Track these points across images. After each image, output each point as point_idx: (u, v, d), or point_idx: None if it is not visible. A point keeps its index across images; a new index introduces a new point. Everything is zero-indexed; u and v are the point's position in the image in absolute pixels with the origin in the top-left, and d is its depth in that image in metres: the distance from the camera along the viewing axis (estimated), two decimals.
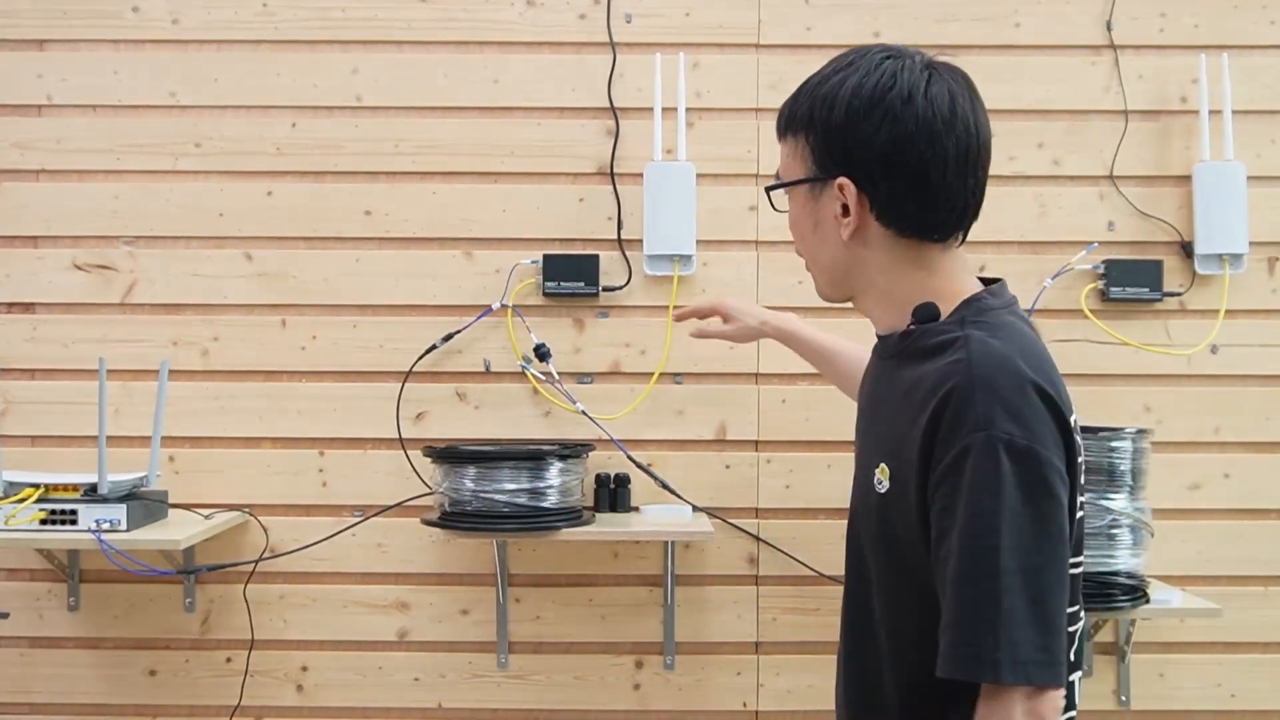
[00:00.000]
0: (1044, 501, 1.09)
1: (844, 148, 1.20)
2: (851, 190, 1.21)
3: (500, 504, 2.05)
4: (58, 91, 2.32)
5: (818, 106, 1.21)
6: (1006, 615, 1.06)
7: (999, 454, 1.08)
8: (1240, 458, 2.29)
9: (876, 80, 1.19)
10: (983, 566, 1.08)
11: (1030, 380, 1.12)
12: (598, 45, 2.32)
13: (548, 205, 2.31)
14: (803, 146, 1.24)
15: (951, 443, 1.10)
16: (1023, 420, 1.10)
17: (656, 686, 2.29)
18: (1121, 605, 1.99)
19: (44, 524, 2.00)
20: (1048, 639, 1.07)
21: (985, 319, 1.19)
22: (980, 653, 1.07)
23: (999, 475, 1.08)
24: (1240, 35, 2.32)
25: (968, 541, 1.08)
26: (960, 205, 1.22)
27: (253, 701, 2.29)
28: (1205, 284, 2.29)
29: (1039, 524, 1.09)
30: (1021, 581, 1.07)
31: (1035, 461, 1.09)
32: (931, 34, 2.31)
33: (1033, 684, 1.06)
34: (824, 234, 1.25)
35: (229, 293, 2.31)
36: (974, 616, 1.07)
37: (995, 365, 1.12)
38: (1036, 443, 1.09)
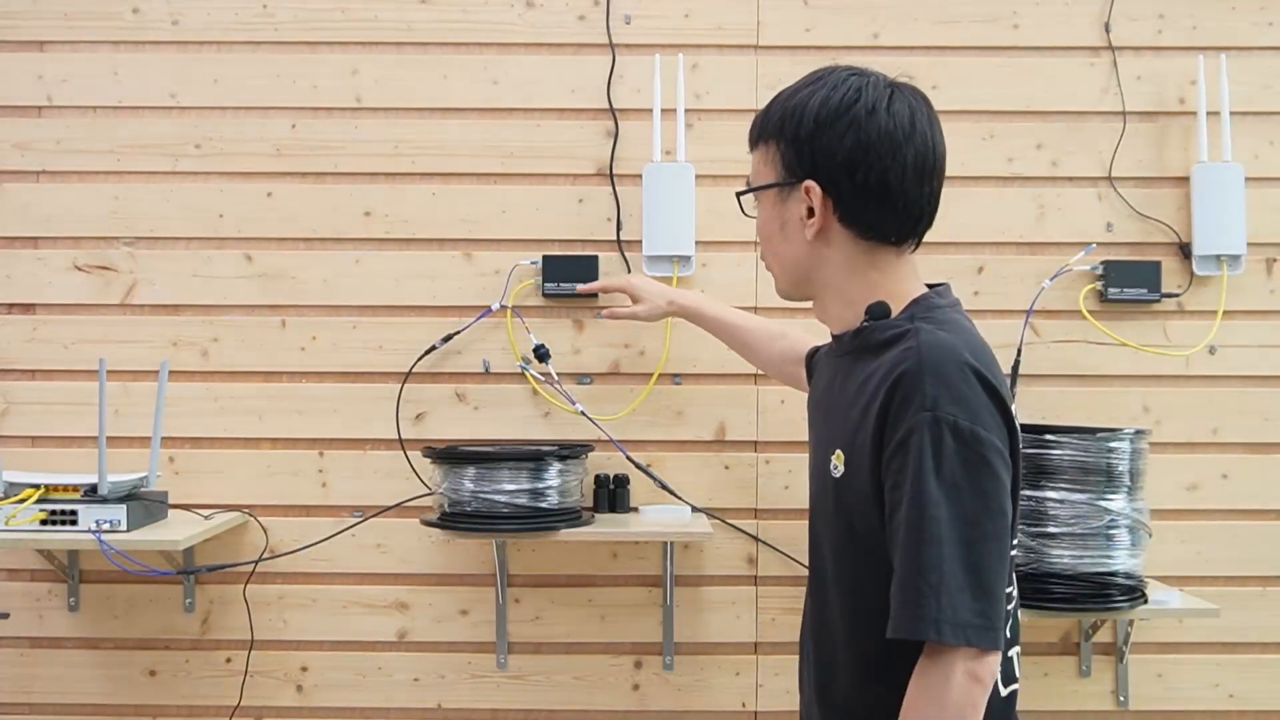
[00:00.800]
0: (985, 479, 1.19)
1: (811, 154, 1.31)
2: (817, 192, 1.31)
3: (500, 504, 2.05)
4: (58, 92, 2.33)
5: (788, 116, 1.32)
6: (947, 581, 1.16)
7: (943, 433, 1.18)
8: (1238, 458, 2.30)
9: (843, 94, 1.30)
10: (926, 536, 1.17)
11: (973, 367, 1.22)
12: (597, 46, 2.32)
13: (547, 206, 2.31)
14: (773, 154, 1.35)
15: (900, 423, 1.21)
16: (966, 403, 1.20)
17: (656, 687, 2.30)
18: (1120, 606, 1.99)
19: (44, 524, 2.00)
20: (985, 605, 1.17)
21: (933, 315, 1.30)
22: (923, 614, 1.16)
23: (942, 453, 1.18)
24: (1238, 37, 2.32)
25: (914, 514, 1.18)
26: (916, 213, 1.34)
27: (252, 702, 2.29)
28: (1203, 285, 2.29)
29: (979, 499, 1.19)
30: (962, 551, 1.17)
31: (977, 441, 1.19)
32: (930, 35, 2.32)
33: (971, 645, 1.16)
34: (789, 234, 1.35)
35: (229, 293, 2.31)
36: (918, 581, 1.17)
37: (942, 353, 1.22)
38: (979, 424, 1.20)
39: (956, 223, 2.31)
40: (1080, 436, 1.98)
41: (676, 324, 2.27)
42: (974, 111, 2.32)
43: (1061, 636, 2.28)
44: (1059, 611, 2.00)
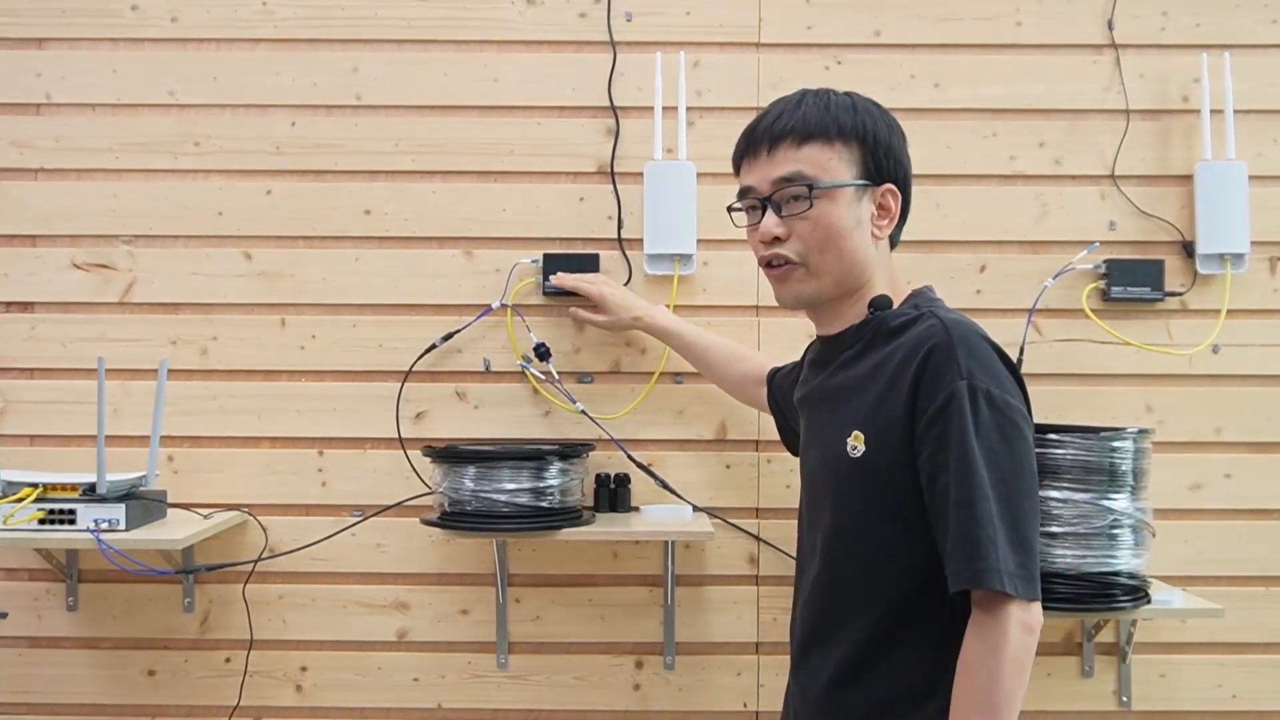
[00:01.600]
0: (1017, 442, 1.32)
1: (891, 159, 1.48)
2: (897, 196, 1.49)
3: (500, 504, 2.04)
4: (56, 90, 2.32)
5: (864, 119, 1.47)
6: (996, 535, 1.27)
7: (980, 401, 1.31)
8: (1242, 458, 2.29)
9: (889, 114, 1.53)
10: (975, 497, 1.28)
11: (991, 342, 1.38)
12: (598, 44, 2.31)
13: (548, 204, 2.31)
14: (854, 151, 1.46)
15: (936, 392, 1.32)
16: (995, 375, 1.34)
17: (656, 687, 2.29)
18: (1123, 605, 1.98)
19: (42, 524, 1.99)
20: (1024, 557, 1.29)
21: (936, 303, 1.47)
22: (987, 565, 1.26)
23: (979, 419, 1.30)
24: (1242, 34, 2.31)
25: (961, 476, 1.29)
26: None
27: (251, 702, 2.28)
28: (1207, 284, 2.29)
29: (1014, 461, 1.31)
30: (1005, 509, 1.28)
31: (1009, 409, 1.32)
32: (932, 33, 2.31)
33: (1020, 595, 1.27)
34: (861, 233, 1.47)
35: (228, 292, 2.30)
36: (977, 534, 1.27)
37: (966, 329, 1.37)
38: (1007, 393, 1.33)
39: (958, 221, 2.31)
40: (1083, 436, 1.97)
41: None
42: (976, 110, 2.31)
43: (1064, 636, 2.28)
44: (1062, 611, 1.99)
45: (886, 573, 1.39)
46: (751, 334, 2.28)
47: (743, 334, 2.28)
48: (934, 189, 2.30)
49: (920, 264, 2.29)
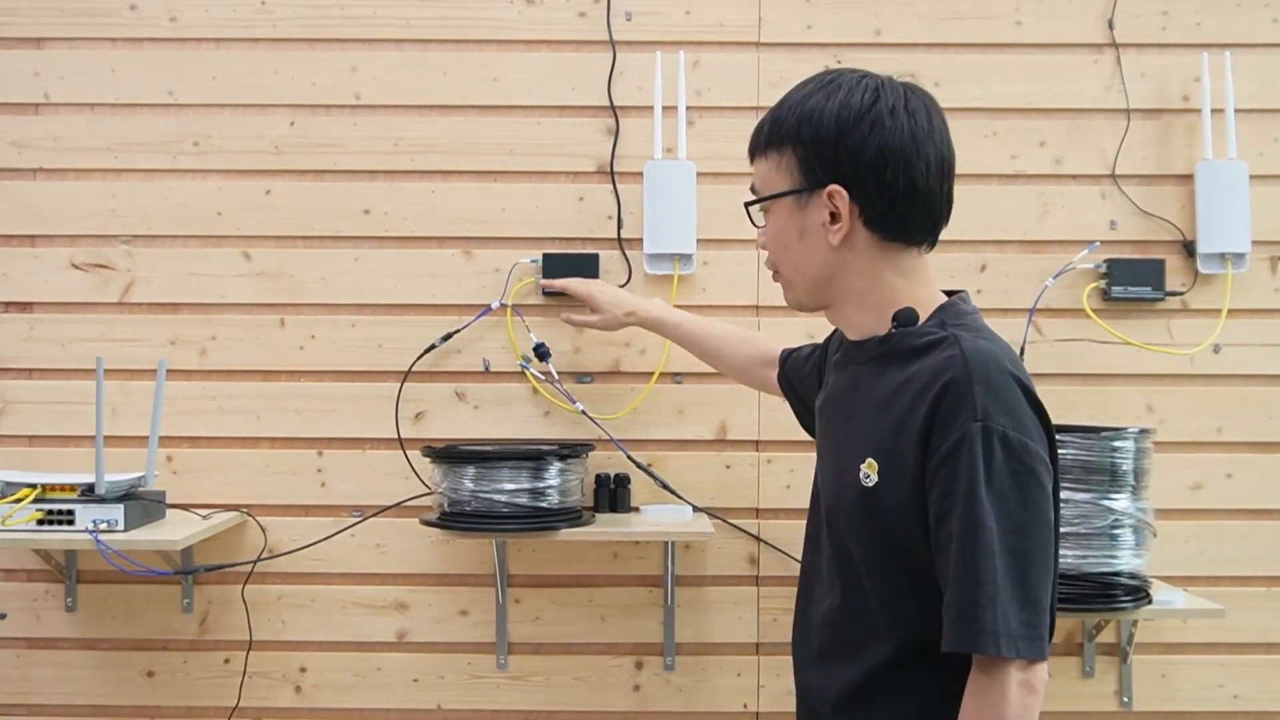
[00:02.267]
0: (1033, 490, 1.21)
1: (834, 157, 1.31)
2: (844, 196, 1.31)
3: (500, 504, 2.04)
4: (55, 90, 2.31)
5: (805, 121, 1.32)
6: (1000, 594, 1.18)
7: (994, 444, 1.20)
8: (1243, 458, 2.29)
9: (861, 96, 1.30)
10: (980, 549, 1.19)
11: (1016, 378, 1.24)
12: (598, 43, 2.31)
13: (547, 204, 2.30)
14: (788, 159, 1.34)
15: (949, 431, 1.21)
16: (1014, 414, 1.22)
17: (656, 687, 2.28)
18: (1124, 606, 1.98)
19: (41, 524, 1.99)
20: (1031, 615, 1.19)
21: (965, 322, 1.31)
22: (980, 627, 1.18)
23: (992, 464, 1.19)
24: (1243, 33, 2.31)
25: (966, 525, 1.19)
26: (937, 212, 1.35)
27: (251, 703, 2.28)
28: (1207, 283, 2.28)
29: (1027, 510, 1.20)
30: (1012, 564, 1.19)
31: (1025, 452, 1.21)
32: (933, 32, 2.31)
33: (1021, 657, 1.18)
34: (811, 241, 1.35)
35: (227, 292, 2.30)
36: (974, 594, 1.18)
37: (987, 362, 1.24)
38: (1026, 435, 1.21)
39: (959, 221, 2.24)
40: (1084, 436, 1.97)
41: None
42: (976, 109, 2.31)
43: (1065, 637, 2.27)
44: (1063, 611, 1.98)
45: (897, 606, 1.30)
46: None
47: None
48: None
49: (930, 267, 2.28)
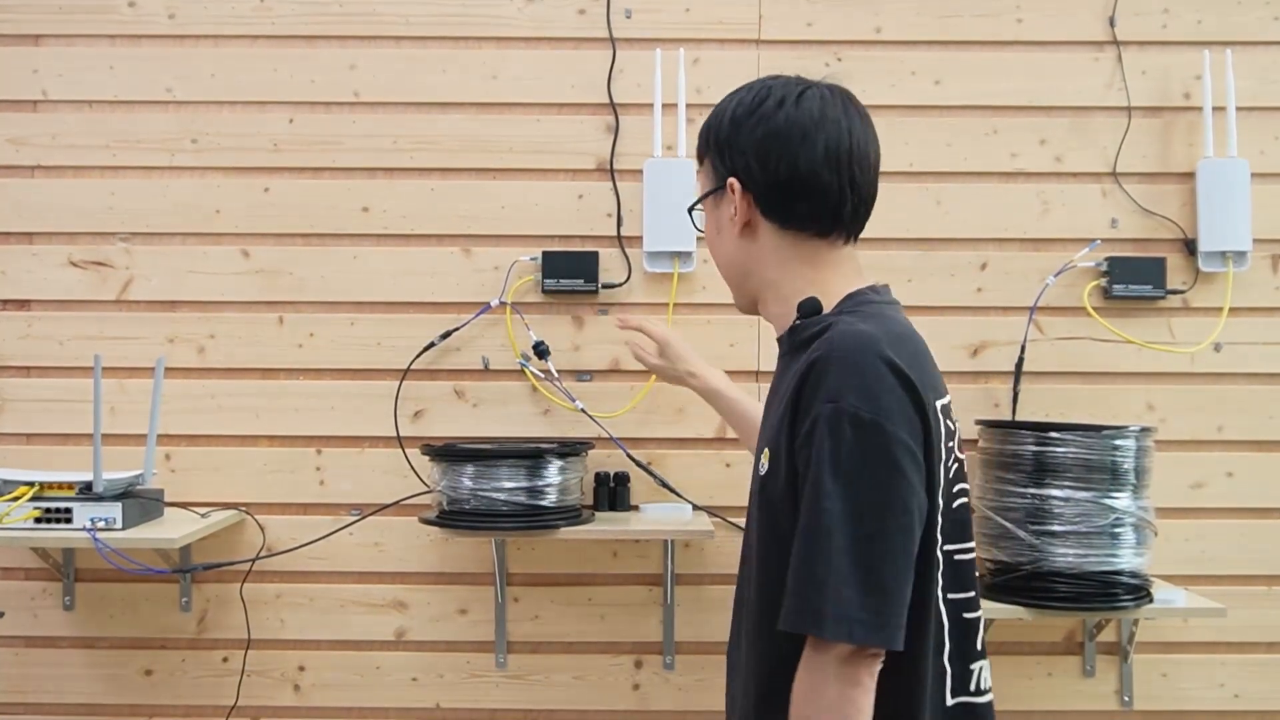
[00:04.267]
0: (885, 474, 1.17)
1: (730, 153, 1.35)
2: (737, 188, 1.35)
3: (499, 502, 2.03)
4: (53, 87, 2.31)
5: (712, 124, 1.39)
6: (836, 575, 1.14)
7: (843, 424, 1.17)
8: (1244, 456, 2.28)
9: (755, 93, 1.36)
10: (819, 528, 1.16)
11: (886, 359, 1.20)
12: (597, 41, 2.30)
13: (547, 202, 2.30)
14: (706, 165, 1.40)
15: (808, 413, 1.20)
16: (871, 395, 1.18)
17: (656, 686, 2.28)
18: (1125, 605, 1.98)
19: (39, 522, 1.98)
20: (878, 601, 1.14)
21: (861, 309, 1.30)
22: (806, 606, 1.15)
23: (840, 444, 1.17)
24: (1244, 31, 2.30)
25: (809, 505, 1.18)
26: (833, 202, 1.33)
27: (249, 701, 2.27)
28: (1209, 281, 2.28)
29: (877, 493, 1.17)
30: (854, 545, 1.15)
31: (880, 435, 1.17)
32: (933, 30, 2.30)
33: (854, 642, 1.13)
34: (724, 237, 1.39)
35: (226, 290, 2.29)
36: (808, 574, 1.16)
37: (853, 343, 1.22)
38: (883, 417, 1.17)
39: (959, 219, 2.30)
40: (1085, 434, 1.96)
41: (677, 321, 2.26)
42: (977, 107, 2.30)
43: (1065, 636, 2.27)
44: (1063, 611, 1.98)
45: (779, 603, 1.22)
46: (751, 333, 2.27)
47: (742, 333, 2.27)
48: (934, 186, 2.29)
49: (921, 261, 2.28)
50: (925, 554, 1.22)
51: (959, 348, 2.28)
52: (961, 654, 1.28)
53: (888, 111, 2.27)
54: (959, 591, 1.28)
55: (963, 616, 1.29)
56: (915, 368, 1.22)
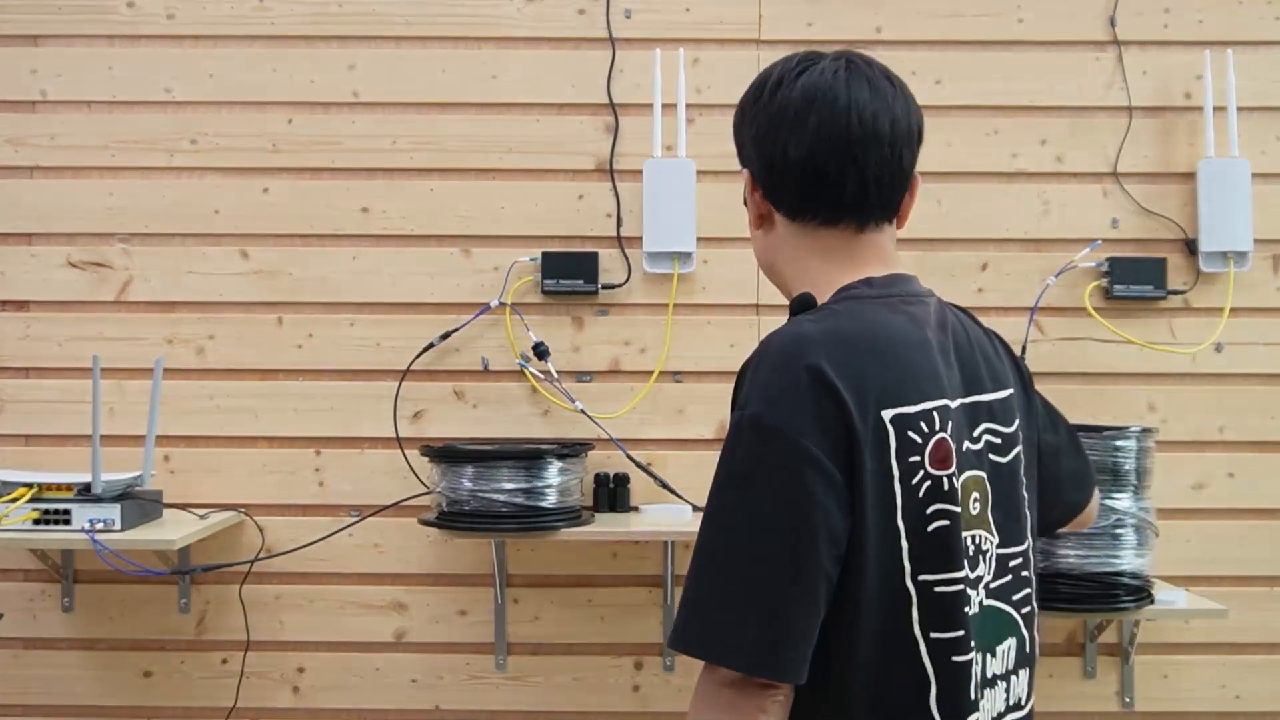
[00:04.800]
0: (785, 488, 1.03)
1: (740, 141, 1.26)
2: (749, 178, 1.24)
3: (498, 503, 2.03)
4: (52, 87, 2.30)
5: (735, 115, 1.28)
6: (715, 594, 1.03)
7: (744, 434, 1.06)
8: (1245, 457, 2.28)
9: (761, 78, 1.24)
10: (704, 546, 1.06)
11: (806, 363, 1.05)
12: (597, 41, 2.30)
13: (546, 202, 2.29)
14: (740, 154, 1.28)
15: None
16: (780, 403, 1.05)
17: (656, 688, 2.27)
18: (1126, 606, 1.97)
19: (37, 524, 1.98)
20: (766, 626, 1.01)
21: (836, 306, 1.15)
22: (689, 626, 1.03)
23: (734, 455, 1.06)
24: (1245, 31, 2.30)
25: (703, 520, 1.08)
26: (832, 186, 1.17)
27: (248, 703, 2.27)
28: (1209, 282, 2.27)
29: (775, 512, 1.03)
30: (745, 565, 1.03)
31: (781, 445, 1.03)
32: (934, 29, 2.30)
33: (736, 669, 1.01)
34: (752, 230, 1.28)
35: (225, 290, 2.29)
36: (692, 593, 1.05)
37: (777, 348, 1.09)
38: (788, 427, 1.03)
39: (960, 219, 2.29)
40: (1086, 435, 1.95)
41: (677, 321, 2.26)
42: (978, 107, 2.30)
43: (1066, 637, 2.26)
44: (1064, 612, 1.98)
45: None
46: (751, 333, 2.27)
47: (742, 333, 2.26)
48: (935, 186, 2.28)
49: (922, 262, 2.27)
50: (885, 586, 1.05)
51: None
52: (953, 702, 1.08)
53: None
54: (943, 631, 1.07)
55: (951, 660, 1.07)
56: (855, 373, 1.06)
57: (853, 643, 1.05)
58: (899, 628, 1.06)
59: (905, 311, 1.16)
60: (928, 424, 1.09)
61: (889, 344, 1.11)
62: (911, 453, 1.08)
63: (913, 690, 1.07)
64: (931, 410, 1.10)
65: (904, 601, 1.06)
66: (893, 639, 1.06)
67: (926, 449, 1.09)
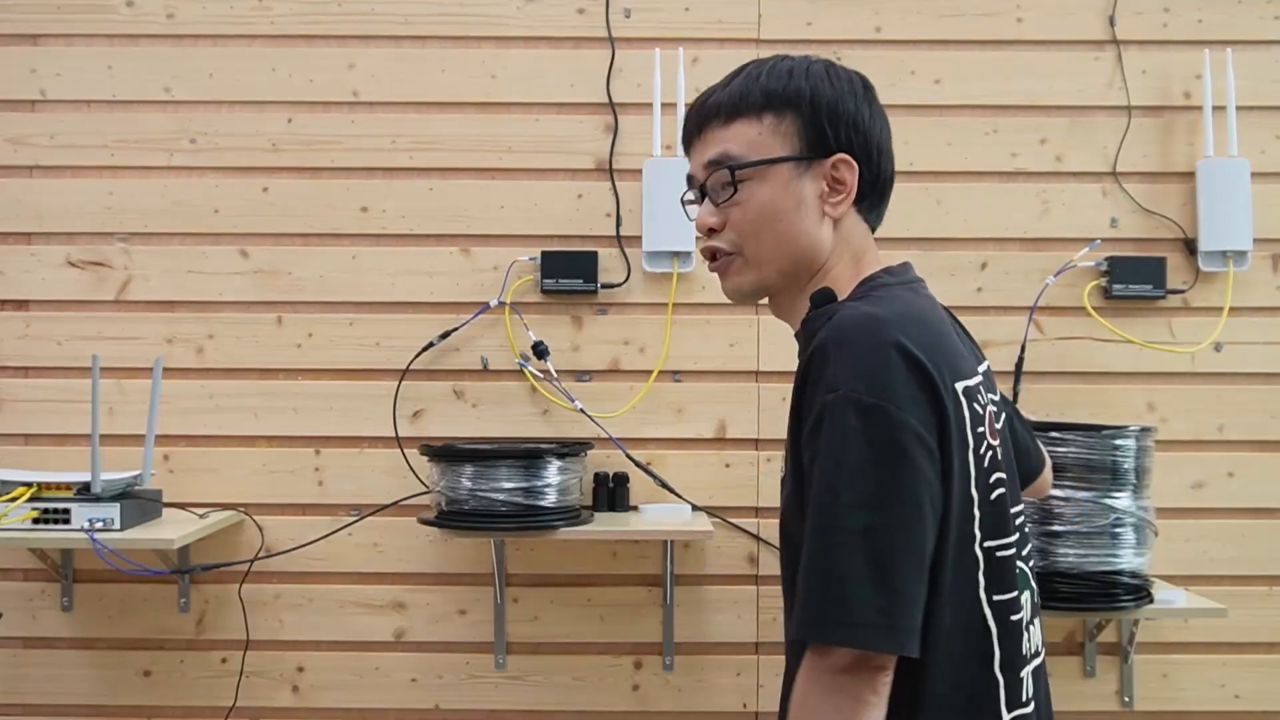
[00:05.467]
0: (894, 462, 1.06)
1: (842, 126, 1.24)
2: (852, 167, 1.23)
3: (498, 503, 2.03)
4: (51, 86, 2.30)
5: (815, 87, 1.24)
6: (842, 575, 1.04)
7: (848, 412, 1.06)
8: (1244, 456, 2.28)
9: (849, 76, 1.28)
10: (824, 526, 1.06)
11: (895, 342, 1.09)
12: (596, 40, 2.30)
13: (546, 201, 2.29)
14: (788, 125, 1.23)
15: (811, 407, 1.10)
16: (875, 379, 1.07)
17: (656, 687, 2.27)
18: (1125, 605, 1.97)
19: (37, 523, 1.98)
20: (888, 602, 1.03)
21: (871, 293, 1.20)
22: (815, 612, 1.05)
23: (845, 434, 1.06)
24: (1244, 30, 2.30)
25: (815, 502, 1.07)
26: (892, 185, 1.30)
27: (248, 703, 2.27)
28: (1209, 281, 2.27)
29: (887, 485, 1.06)
30: (862, 542, 1.04)
31: (886, 421, 1.06)
32: (933, 29, 2.30)
33: (863, 649, 1.03)
34: (804, 213, 1.23)
35: (224, 290, 2.29)
36: (813, 578, 1.06)
37: (854, 326, 1.11)
38: (889, 402, 1.06)
39: (959, 218, 2.29)
40: (1085, 434, 1.96)
41: (676, 321, 2.26)
42: (977, 106, 2.30)
43: (1066, 636, 2.26)
44: (1064, 611, 1.98)
45: None
46: (751, 332, 2.27)
47: (742, 333, 2.26)
48: (934, 186, 2.29)
49: (921, 261, 2.22)
50: (962, 553, 1.11)
51: None
52: (1011, 662, 1.15)
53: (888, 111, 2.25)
54: (1003, 592, 1.15)
55: (1009, 619, 1.15)
56: (930, 349, 1.11)
57: (934, 611, 1.09)
58: (970, 593, 1.12)
59: (926, 296, 1.25)
60: (980, 396, 1.17)
61: (939, 323, 1.19)
62: (978, 424, 1.15)
63: (981, 651, 1.13)
64: (979, 384, 1.18)
65: (974, 567, 1.13)
66: (964, 605, 1.11)
67: (985, 419, 1.16)
